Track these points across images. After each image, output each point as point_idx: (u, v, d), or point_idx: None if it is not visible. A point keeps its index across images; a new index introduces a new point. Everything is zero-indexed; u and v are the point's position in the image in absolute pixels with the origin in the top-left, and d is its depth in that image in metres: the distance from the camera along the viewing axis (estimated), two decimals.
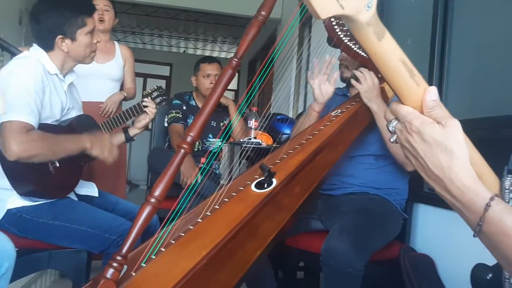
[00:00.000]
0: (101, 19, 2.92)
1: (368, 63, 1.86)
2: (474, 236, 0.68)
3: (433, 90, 0.70)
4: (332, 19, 1.77)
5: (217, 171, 3.11)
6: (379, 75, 1.80)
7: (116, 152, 1.83)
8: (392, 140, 0.76)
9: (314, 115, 1.94)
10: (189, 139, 1.30)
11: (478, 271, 0.80)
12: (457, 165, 0.68)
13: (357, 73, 1.85)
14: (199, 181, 2.69)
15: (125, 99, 3.00)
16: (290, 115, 4.38)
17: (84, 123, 1.86)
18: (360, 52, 1.83)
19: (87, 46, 1.80)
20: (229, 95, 9.11)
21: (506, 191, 0.82)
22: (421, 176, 0.75)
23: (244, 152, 2.94)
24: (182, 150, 1.29)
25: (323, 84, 1.91)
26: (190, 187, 2.31)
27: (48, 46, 1.76)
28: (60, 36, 1.74)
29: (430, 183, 0.72)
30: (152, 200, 1.21)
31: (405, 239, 2.06)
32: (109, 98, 2.87)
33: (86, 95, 2.65)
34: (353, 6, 0.57)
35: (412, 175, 1.98)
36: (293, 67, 4.67)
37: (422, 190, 2.09)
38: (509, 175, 0.83)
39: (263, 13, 1.33)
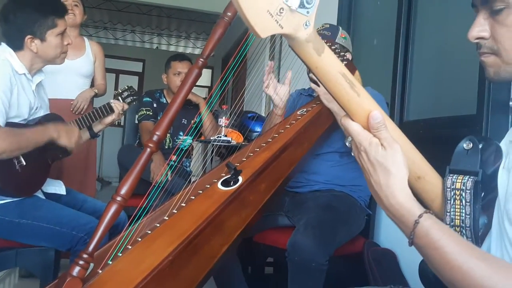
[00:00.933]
0: (72, 13, 2.90)
1: None
2: (409, 245, 0.76)
3: (376, 113, 0.76)
4: None
5: (188, 169, 3.13)
6: None
7: (81, 142, 1.86)
8: (347, 144, 0.83)
9: (277, 119, 1.98)
10: (155, 138, 1.32)
11: (425, 264, 0.86)
12: (394, 184, 0.76)
13: (314, 76, 1.88)
14: (169, 178, 2.71)
15: (96, 95, 2.99)
16: (262, 112, 4.42)
17: (51, 121, 1.85)
18: None
19: (57, 47, 1.80)
20: (203, 91, 9.10)
21: (448, 189, 0.88)
22: None
23: (216, 149, 2.97)
24: (148, 149, 1.32)
25: (277, 88, 1.94)
26: (158, 184, 2.34)
27: (17, 45, 1.75)
28: (29, 36, 1.74)
29: (374, 198, 0.80)
30: (118, 198, 1.23)
31: (368, 234, 2.13)
32: (80, 95, 2.86)
33: (56, 92, 2.65)
34: (291, 25, 0.61)
35: None
36: (265, 63, 4.70)
37: None
38: (450, 174, 0.89)
39: (229, 13, 1.36)
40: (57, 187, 1.94)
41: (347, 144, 0.82)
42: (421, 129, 2.18)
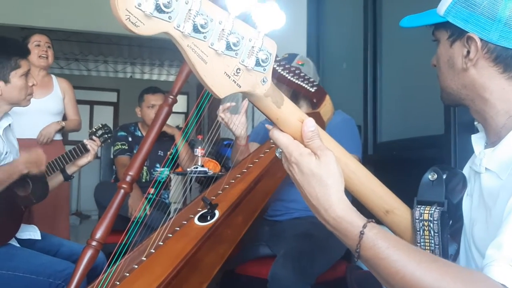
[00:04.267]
0: (45, 56, 2.89)
1: (300, 90, 1.89)
2: (355, 260, 0.73)
3: (310, 121, 0.74)
4: None
5: (166, 201, 3.11)
6: (314, 100, 1.85)
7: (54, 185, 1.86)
8: (277, 155, 0.80)
9: (243, 149, 1.97)
10: (128, 178, 1.32)
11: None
12: (330, 195, 0.72)
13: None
14: (148, 212, 2.69)
15: (63, 129, 2.95)
16: None
17: None
18: (294, 80, 1.85)
19: (21, 88, 1.78)
20: (179, 117, 9.08)
21: (417, 220, 0.90)
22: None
23: (195, 178, 2.95)
24: (122, 191, 1.31)
25: (234, 119, 1.92)
26: (136, 220, 2.31)
27: None
28: None
29: (312, 212, 0.77)
30: (94, 243, 1.23)
31: (351, 258, 2.13)
32: (45, 128, 2.81)
33: (25, 131, 2.61)
34: (249, 83, 0.62)
35: (348, 193, 2.06)
36: None
37: (362, 207, 2.18)
38: (418, 206, 0.91)
39: None
40: (31, 232, 1.90)
41: (277, 155, 0.79)
42: (394, 150, 2.22)
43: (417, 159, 1.96)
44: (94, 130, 2.15)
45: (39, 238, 1.91)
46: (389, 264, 0.68)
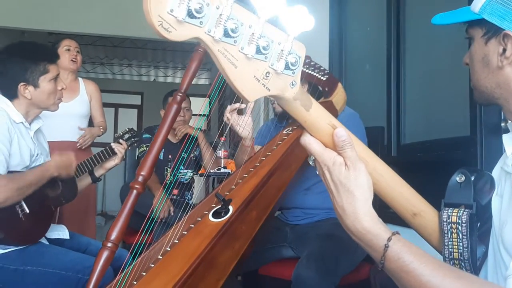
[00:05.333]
0: (74, 60, 2.96)
1: (312, 79, 1.86)
2: (379, 269, 0.74)
3: (341, 131, 0.73)
4: None
5: (190, 201, 3.14)
6: (326, 89, 1.82)
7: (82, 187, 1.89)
8: (310, 162, 0.80)
9: (247, 150, 1.96)
10: (140, 178, 1.33)
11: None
12: (357, 207, 0.73)
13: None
14: (172, 213, 2.72)
15: (101, 134, 3.03)
16: None
17: None
18: (304, 69, 1.80)
19: (50, 93, 1.83)
20: (201, 120, 9.13)
21: (444, 223, 0.89)
22: None
23: (217, 179, 2.97)
24: (135, 191, 1.32)
25: (239, 120, 1.91)
26: (157, 219, 2.34)
27: (11, 94, 1.79)
28: (22, 84, 1.77)
29: (339, 220, 0.77)
30: (109, 244, 1.24)
31: (374, 260, 2.12)
32: (90, 131, 2.89)
33: (54, 134, 2.68)
34: (278, 87, 0.63)
35: (376, 195, 2.05)
36: None
37: (389, 210, 2.16)
38: (446, 208, 0.90)
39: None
40: (60, 232, 1.95)
41: (310, 162, 0.79)
42: (419, 152, 2.20)
43: (442, 161, 1.94)
44: (121, 133, 2.19)
45: (68, 237, 1.96)
46: (413, 278, 0.69)
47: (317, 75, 1.72)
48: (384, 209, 0.96)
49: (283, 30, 0.59)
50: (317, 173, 0.78)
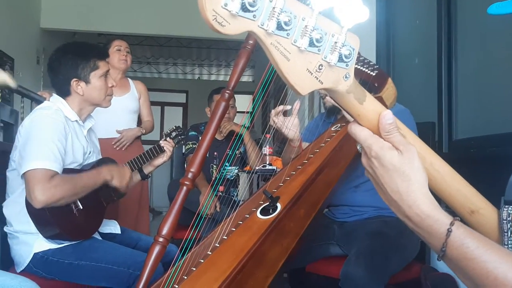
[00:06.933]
0: (124, 59, 3.05)
1: (361, 75, 1.82)
2: (438, 259, 0.69)
3: (388, 114, 0.70)
4: None
5: (236, 198, 3.16)
6: (376, 84, 1.78)
7: (132, 184, 1.95)
8: (359, 148, 0.76)
9: (294, 150, 1.93)
10: (190, 175, 1.35)
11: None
12: (414, 191, 0.68)
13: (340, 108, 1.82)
14: (218, 210, 2.75)
15: (143, 134, 3.09)
16: None
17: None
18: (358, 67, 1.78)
19: (101, 88, 1.89)
20: (245, 117, 9.19)
21: (504, 221, 0.85)
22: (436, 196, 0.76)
23: (261, 176, 2.98)
24: (185, 187, 1.34)
25: (286, 122, 1.88)
26: (205, 216, 2.37)
27: (65, 92, 1.86)
28: (74, 79, 1.84)
29: (391, 209, 0.72)
30: (160, 239, 1.27)
31: (425, 259, 2.06)
32: (126, 132, 2.96)
33: (107, 130, 2.76)
34: (331, 80, 0.61)
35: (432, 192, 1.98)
36: None
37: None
38: (506, 206, 0.86)
39: (250, 42, 1.37)
40: (112, 227, 2.00)
41: (358, 148, 0.75)
42: (472, 148, 2.12)
43: (497, 157, 1.86)
44: (169, 132, 2.23)
45: (119, 232, 2.02)
46: (479, 265, 0.64)
47: (366, 70, 1.68)
48: None
49: (337, 22, 0.58)
50: (363, 162, 0.74)
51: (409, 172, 0.68)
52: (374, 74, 1.75)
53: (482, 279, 0.64)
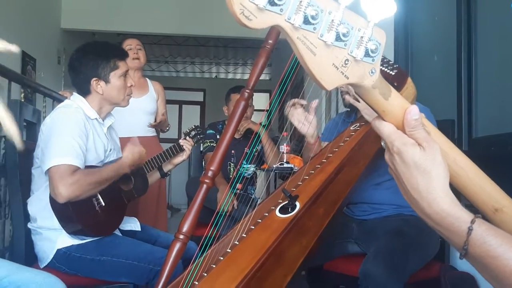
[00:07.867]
0: (136, 57, 3.08)
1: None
2: (460, 258, 0.68)
3: (414, 109, 0.69)
4: None
5: (253, 196, 3.17)
6: (395, 84, 1.77)
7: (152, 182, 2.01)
8: (383, 144, 0.75)
9: (312, 148, 1.92)
10: (210, 173, 1.35)
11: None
12: (435, 188, 0.67)
13: (351, 90, 1.81)
14: (236, 207, 2.76)
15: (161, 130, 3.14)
16: None
17: None
18: None
19: (120, 88, 1.91)
20: (262, 115, 9.20)
21: None
22: (457, 192, 0.75)
23: (279, 174, 2.98)
24: (205, 185, 1.35)
25: (302, 117, 1.87)
26: (224, 213, 2.38)
27: (85, 91, 1.89)
28: (94, 79, 1.87)
29: (412, 206, 0.72)
30: (181, 236, 1.27)
31: (444, 258, 2.04)
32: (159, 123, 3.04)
33: (125, 130, 2.80)
34: (357, 75, 0.61)
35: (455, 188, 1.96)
36: None
37: None
38: None
39: (270, 41, 1.37)
40: (132, 224, 2.03)
41: (382, 144, 0.74)
42: (492, 146, 2.09)
43: None
44: (188, 131, 2.26)
45: (139, 229, 2.05)
46: (502, 262, 0.63)
47: (385, 69, 1.67)
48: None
49: (363, 16, 0.58)
50: (385, 158, 0.74)
51: (430, 169, 0.67)
52: (393, 73, 1.74)
53: (506, 277, 0.63)
